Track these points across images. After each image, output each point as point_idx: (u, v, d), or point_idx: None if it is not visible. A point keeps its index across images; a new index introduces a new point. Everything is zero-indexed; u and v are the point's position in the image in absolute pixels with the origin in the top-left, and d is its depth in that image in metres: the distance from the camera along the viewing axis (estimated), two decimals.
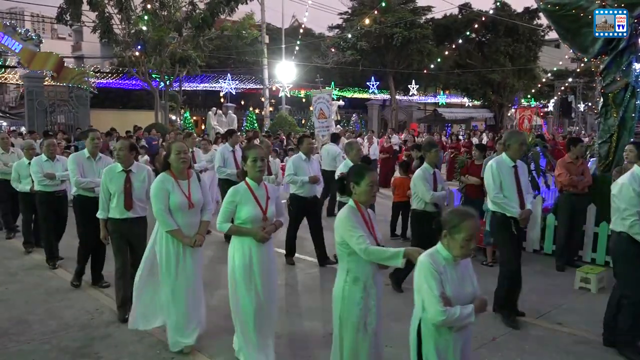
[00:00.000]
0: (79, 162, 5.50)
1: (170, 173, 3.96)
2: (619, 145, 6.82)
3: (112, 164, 4.79)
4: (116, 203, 4.57)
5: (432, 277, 2.52)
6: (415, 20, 29.91)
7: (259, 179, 3.71)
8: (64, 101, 19.74)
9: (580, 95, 34.71)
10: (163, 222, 3.88)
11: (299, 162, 6.47)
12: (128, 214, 4.58)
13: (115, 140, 14.04)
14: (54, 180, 6.36)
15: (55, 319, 4.70)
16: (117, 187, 4.55)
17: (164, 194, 3.88)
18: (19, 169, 7.04)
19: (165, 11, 20.15)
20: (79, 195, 5.54)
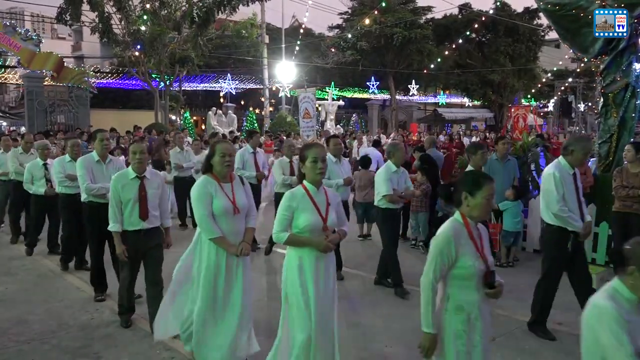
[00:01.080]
0: (88, 166, 5.07)
1: (213, 176, 3.60)
2: (619, 145, 6.83)
3: (123, 170, 4.43)
4: (130, 213, 4.22)
5: (619, 328, 1.90)
6: (415, 20, 29.91)
7: (319, 183, 3.29)
8: (64, 101, 19.74)
9: (580, 95, 34.67)
10: (207, 229, 3.51)
11: (330, 164, 5.92)
12: (143, 224, 4.25)
13: (116, 141, 14.17)
14: (75, 182, 5.88)
15: (55, 319, 4.69)
16: (130, 196, 4.21)
17: (208, 198, 3.53)
18: (32, 170, 6.74)
19: (165, 10, 20.14)
20: (90, 201, 5.11)
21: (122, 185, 4.23)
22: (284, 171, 6.78)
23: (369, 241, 7.93)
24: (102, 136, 5.22)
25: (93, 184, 5.04)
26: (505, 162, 6.68)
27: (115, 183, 4.24)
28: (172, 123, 21.88)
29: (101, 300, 5.13)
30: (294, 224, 3.21)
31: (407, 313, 4.89)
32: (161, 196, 4.45)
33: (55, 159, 6.25)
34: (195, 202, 3.55)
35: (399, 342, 4.23)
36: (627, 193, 5.49)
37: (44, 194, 6.61)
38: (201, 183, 3.58)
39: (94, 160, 5.16)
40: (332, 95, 25.07)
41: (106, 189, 4.89)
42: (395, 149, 5.74)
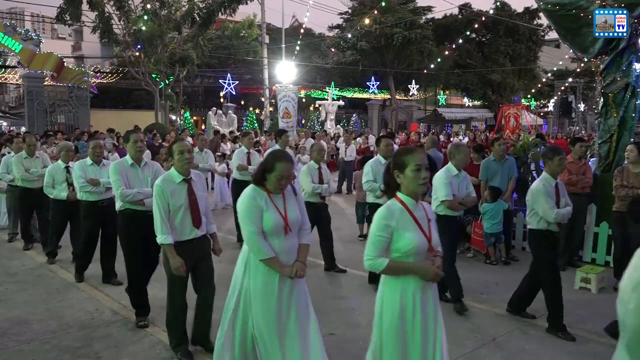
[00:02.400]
0: (122, 170, 4.57)
1: (264, 187, 3.16)
2: (619, 145, 6.83)
3: (164, 174, 3.91)
4: (180, 221, 3.74)
5: None
6: (416, 20, 29.92)
7: (417, 195, 2.73)
8: (64, 101, 19.78)
9: (580, 95, 34.69)
10: (257, 249, 3.07)
11: (378, 166, 5.56)
12: (196, 232, 3.79)
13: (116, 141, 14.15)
14: (98, 187, 5.57)
15: (55, 319, 4.69)
16: (181, 202, 3.72)
17: (257, 213, 3.10)
18: (54, 173, 6.27)
19: (165, 10, 20.16)
20: (125, 209, 4.59)
21: (170, 191, 3.70)
22: (313, 178, 6.14)
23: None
24: (136, 137, 4.67)
25: (128, 190, 4.52)
26: (503, 162, 6.73)
27: (162, 189, 3.69)
28: (172, 123, 21.88)
29: (144, 326, 4.50)
30: (393, 247, 2.65)
31: None
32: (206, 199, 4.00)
33: (76, 163, 5.80)
34: (243, 217, 3.13)
35: None
36: (627, 193, 5.49)
37: (67, 198, 6.15)
38: (250, 195, 3.14)
39: (128, 164, 4.64)
40: (332, 95, 25.06)
41: (143, 194, 4.51)
42: (457, 150, 5.14)
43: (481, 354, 4.03)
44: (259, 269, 3.11)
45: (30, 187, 7.07)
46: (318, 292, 5.62)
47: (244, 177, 7.29)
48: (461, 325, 4.57)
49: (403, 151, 2.81)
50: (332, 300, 5.25)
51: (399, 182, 2.72)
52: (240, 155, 7.59)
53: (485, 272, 6.34)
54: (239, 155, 7.60)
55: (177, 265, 3.65)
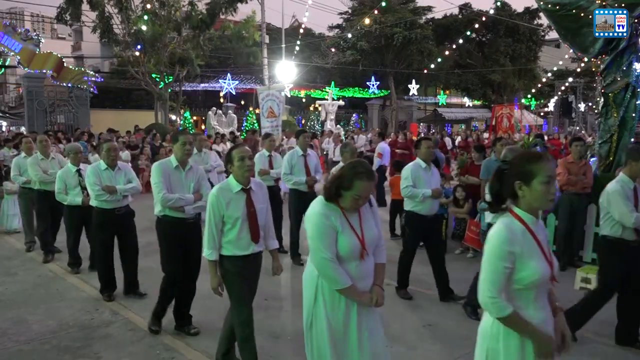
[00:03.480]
0: (165, 172, 4.21)
1: (337, 204, 2.69)
2: (620, 145, 6.83)
3: (223, 182, 3.53)
4: (237, 235, 3.40)
5: None
6: (416, 20, 29.93)
7: (538, 212, 2.27)
8: (64, 101, 19.78)
9: (580, 95, 34.71)
10: (333, 279, 2.64)
11: (418, 171, 5.17)
12: (254, 247, 3.46)
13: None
14: (116, 196, 5.11)
15: (55, 319, 4.69)
16: (238, 213, 3.39)
17: (331, 236, 2.65)
18: (65, 177, 5.87)
19: (164, 11, 20.17)
20: (164, 215, 4.23)
21: (226, 202, 3.37)
22: None
23: None
24: (185, 139, 4.25)
25: (170, 194, 4.15)
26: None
27: (218, 198, 3.36)
28: (172, 123, 21.90)
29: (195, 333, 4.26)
30: (514, 277, 2.16)
31: (407, 313, 4.89)
32: (267, 211, 3.63)
33: (89, 167, 5.32)
34: (314, 240, 2.68)
35: (400, 342, 4.23)
36: None
37: (82, 204, 5.75)
38: (322, 213, 2.68)
39: (172, 166, 4.26)
40: (332, 95, 25.06)
41: (185, 201, 4.20)
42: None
43: None
44: (334, 300, 2.69)
45: (48, 189, 6.59)
46: None
47: (266, 182, 6.40)
48: (461, 325, 4.57)
49: (528, 158, 2.25)
50: None
51: (519, 196, 2.21)
52: (262, 159, 7.04)
53: None
54: (260, 159, 7.02)
55: (215, 286, 3.43)
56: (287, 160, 6.49)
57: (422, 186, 5.10)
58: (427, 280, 5.53)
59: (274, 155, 7.20)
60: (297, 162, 6.45)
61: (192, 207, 4.26)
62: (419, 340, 4.29)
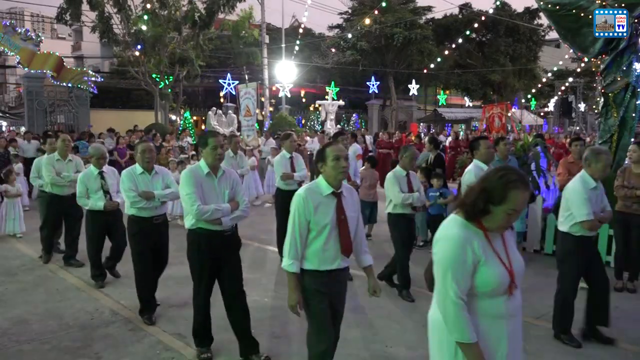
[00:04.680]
0: (197, 180, 3.69)
1: (479, 225, 2.13)
2: (620, 145, 6.84)
3: (311, 183, 3.07)
4: (322, 245, 2.95)
5: None
6: (416, 20, 29.93)
7: None
8: (64, 101, 19.77)
9: (580, 95, 34.74)
10: (457, 326, 2.08)
11: (480, 173, 4.77)
12: (340, 261, 3.01)
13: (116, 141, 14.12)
14: (153, 202, 4.67)
15: (55, 319, 4.69)
16: (326, 220, 2.94)
17: (469, 268, 2.09)
18: (86, 181, 5.51)
19: (165, 11, 20.17)
20: (198, 228, 3.72)
21: (315, 206, 2.93)
22: (402, 186, 5.29)
23: (369, 241, 7.90)
24: (216, 142, 3.73)
25: (205, 206, 3.64)
26: (507, 163, 6.71)
27: (306, 201, 2.92)
28: (172, 123, 21.90)
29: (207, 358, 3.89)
30: None
31: (407, 313, 4.89)
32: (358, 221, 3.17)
33: (123, 172, 4.83)
34: (446, 270, 2.10)
35: (400, 342, 4.23)
36: (625, 193, 5.48)
37: (103, 208, 5.44)
38: (460, 238, 2.10)
39: (204, 172, 3.75)
40: (332, 95, 25.06)
41: (222, 212, 3.69)
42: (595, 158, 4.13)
43: None
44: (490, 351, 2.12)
45: (59, 193, 6.28)
46: None
47: (289, 186, 6.36)
48: None
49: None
50: None
51: None
52: (283, 162, 6.50)
53: None
54: (282, 162, 6.51)
55: (294, 303, 2.97)
56: None
57: None
58: None
59: (295, 157, 6.68)
60: None
61: (230, 218, 3.75)
62: (419, 340, 4.28)
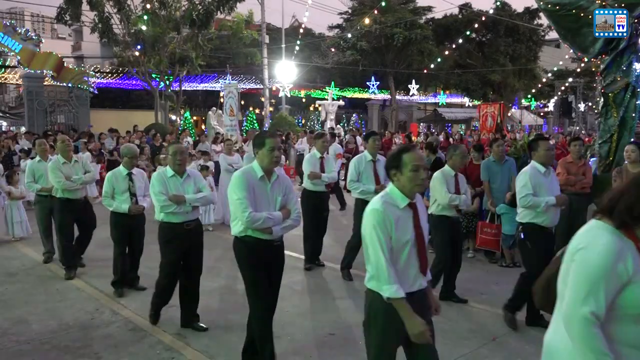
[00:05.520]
0: (249, 185, 3.38)
1: (631, 235, 1.79)
2: (619, 145, 6.84)
3: (384, 194, 2.68)
4: (404, 264, 2.59)
5: None
6: (416, 20, 29.92)
7: None
8: (64, 101, 19.80)
9: (580, 95, 34.73)
10: (595, 351, 1.75)
11: (537, 176, 4.54)
12: (421, 281, 2.67)
13: (116, 141, 14.12)
14: (184, 207, 4.37)
15: (55, 319, 4.69)
16: (407, 236, 2.59)
17: (615, 284, 1.75)
18: (114, 180, 5.25)
19: (164, 11, 20.17)
20: (245, 236, 3.44)
21: (395, 219, 2.56)
22: (449, 187, 5.08)
23: None
24: (274, 144, 3.44)
25: (257, 213, 3.35)
26: (502, 164, 6.73)
27: (386, 215, 2.55)
28: (172, 123, 21.91)
29: None
30: None
31: None
32: None
33: (154, 174, 4.59)
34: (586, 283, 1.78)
35: None
36: None
37: (128, 211, 5.18)
38: (613, 249, 1.76)
39: (257, 176, 3.45)
40: (332, 95, 25.08)
41: (274, 220, 3.41)
42: None
43: (481, 354, 4.04)
44: None
45: (72, 197, 5.96)
46: (318, 292, 5.63)
47: (317, 187, 6.33)
48: (461, 325, 4.57)
49: None
50: (332, 300, 5.25)
51: None
52: (313, 161, 6.34)
53: (485, 272, 6.34)
54: (311, 161, 6.34)
55: (421, 330, 2.50)
56: (354, 166, 5.80)
57: (543, 194, 4.48)
58: None
59: (326, 158, 6.51)
60: (365, 168, 5.77)
61: (281, 227, 3.49)
62: None
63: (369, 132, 6.59)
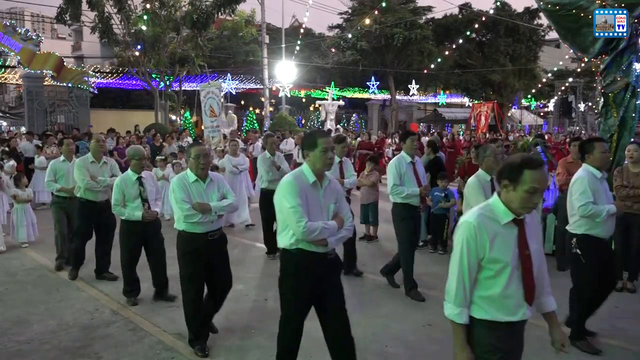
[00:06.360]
0: (301, 189, 3.06)
1: None
2: (620, 145, 6.84)
3: (484, 206, 2.35)
4: (502, 289, 2.27)
5: None
6: (416, 20, 29.91)
7: None
8: (64, 101, 19.80)
9: (580, 95, 34.74)
10: None
11: (594, 182, 4.14)
12: (525, 311, 2.34)
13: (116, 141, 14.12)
14: (209, 216, 3.96)
15: (55, 319, 4.69)
16: (506, 257, 2.26)
17: None
18: (123, 187, 4.94)
19: (165, 11, 20.17)
20: (298, 250, 3.08)
21: (491, 237, 2.25)
22: (485, 193, 4.58)
23: (375, 244, 7.89)
24: (327, 144, 3.10)
25: (313, 222, 3.02)
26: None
27: (479, 233, 2.24)
28: (172, 123, 21.91)
29: None
30: None
31: (407, 313, 4.89)
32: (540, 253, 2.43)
33: (174, 179, 4.10)
34: None
35: (400, 342, 4.23)
36: (627, 193, 5.48)
37: (141, 219, 4.91)
38: None
39: (309, 181, 3.11)
40: (332, 95, 25.09)
41: (329, 231, 3.07)
42: None
43: None
44: None
45: (93, 199, 5.66)
46: None
47: None
48: None
49: None
50: None
51: None
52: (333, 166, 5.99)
53: None
54: None
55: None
56: (394, 168, 5.39)
57: (601, 201, 4.09)
58: (427, 280, 5.53)
59: (345, 161, 6.30)
60: (407, 170, 5.41)
61: (335, 238, 3.15)
62: (419, 340, 4.29)
63: (406, 132, 6.13)
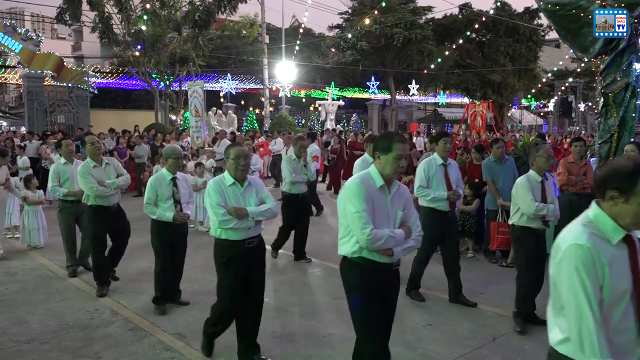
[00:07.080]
0: (368, 194, 2.84)
1: None
2: (619, 145, 6.84)
3: (591, 224, 2.10)
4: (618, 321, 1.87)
5: None
6: (416, 20, 29.91)
7: None
8: (64, 101, 19.82)
9: (580, 95, 34.74)
10: None
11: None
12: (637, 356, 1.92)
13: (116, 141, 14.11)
14: (246, 222, 3.70)
15: (55, 319, 4.69)
16: (624, 283, 1.87)
17: None
18: (157, 186, 4.78)
19: (165, 11, 20.17)
20: (361, 258, 2.89)
21: (609, 262, 1.85)
22: (534, 194, 4.48)
23: None
24: (402, 151, 2.89)
25: (380, 230, 2.80)
26: (503, 163, 6.77)
27: (596, 257, 1.84)
28: (172, 123, 21.92)
29: None
30: None
31: (407, 313, 4.89)
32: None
33: (210, 183, 3.86)
34: None
35: (400, 342, 4.23)
36: None
37: (173, 220, 4.72)
38: None
39: (376, 185, 2.89)
40: (332, 95, 25.10)
41: (395, 239, 2.85)
42: None
43: (481, 354, 4.03)
44: None
45: (105, 204, 5.37)
46: (318, 291, 5.63)
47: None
48: (461, 325, 4.57)
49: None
50: (332, 300, 5.24)
51: None
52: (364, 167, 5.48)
53: (485, 272, 6.34)
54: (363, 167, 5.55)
55: None
56: (423, 171, 5.21)
57: None
58: (427, 280, 5.54)
59: None
60: (436, 172, 5.19)
61: (402, 248, 2.93)
62: (419, 340, 4.29)
63: (439, 133, 5.82)
